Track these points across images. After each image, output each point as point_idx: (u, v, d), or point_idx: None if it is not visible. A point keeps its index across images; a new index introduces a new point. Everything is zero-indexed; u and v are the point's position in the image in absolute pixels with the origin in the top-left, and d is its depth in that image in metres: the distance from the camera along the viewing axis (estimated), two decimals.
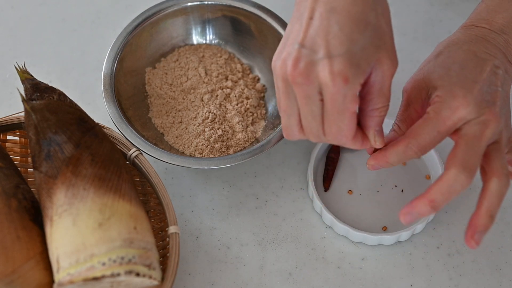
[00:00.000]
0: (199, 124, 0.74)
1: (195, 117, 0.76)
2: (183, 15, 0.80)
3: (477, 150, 0.56)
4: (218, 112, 0.75)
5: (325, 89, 0.53)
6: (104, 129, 0.66)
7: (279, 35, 0.77)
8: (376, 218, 0.73)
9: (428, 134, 0.57)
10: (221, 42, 0.82)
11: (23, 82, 0.64)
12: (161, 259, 0.66)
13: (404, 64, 0.82)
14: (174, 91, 0.78)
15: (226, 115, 0.76)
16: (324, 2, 0.53)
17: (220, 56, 0.81)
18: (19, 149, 0.72)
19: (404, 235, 0.70)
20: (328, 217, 0.71)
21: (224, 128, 0.74)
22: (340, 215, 0.72)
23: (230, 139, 0.74)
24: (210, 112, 0.75)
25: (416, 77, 0.61)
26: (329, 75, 0.52)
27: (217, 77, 0.78)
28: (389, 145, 0.58)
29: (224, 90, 0.77)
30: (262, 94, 0.79)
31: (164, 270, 0.61)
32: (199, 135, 0.74)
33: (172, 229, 0.63)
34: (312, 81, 0.53)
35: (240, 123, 0.75)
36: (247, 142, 0.75)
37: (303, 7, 0.55)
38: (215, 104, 0.76)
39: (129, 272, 0.57)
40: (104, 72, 0.74)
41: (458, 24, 0.66)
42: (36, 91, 0.63)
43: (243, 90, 0.77)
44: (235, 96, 0.77)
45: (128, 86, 0.77)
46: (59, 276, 0.57)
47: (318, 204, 0.71)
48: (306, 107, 0.55)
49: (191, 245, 0.72)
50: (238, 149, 0.74)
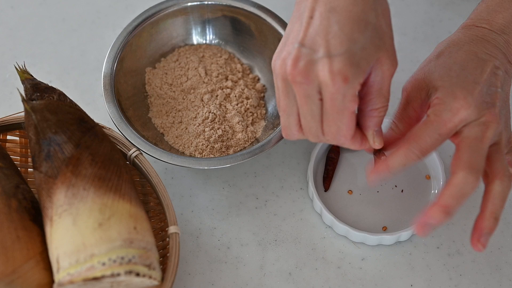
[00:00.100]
0: (199, 124, 0.74)
1: (195, 117, 0.75)
2: (183, 15, 0.80)
3: (481, 152, 0.56)
4: (218, 112, 0.75)
5: (325, 89, 0.53)
6: (104, 129, 0.66)
7: (279, 35, 0.77)
8: (376, 218, 0.73)
9: (429, 137, 0.56)
10: (221, 42, 0.82)
11: (23, 82, 0.64)
12: (161, 259, 0.66)
13: (404, 64, 0.82)
14: (174, 91, 0.78)
15: (226, 115, 0.76)
16: (324, 2, 0.53)
17: (220, 56, 0.80)
18: (19, 149, 0.72)
19: (404, 235, 0.70)
20: (328, 217, 0.71)
21: (224, 128, 0.74)
22: (340, 215, 0.72)
23: (230, 139, 0.74)
24: (210, 112, 0.75)
25: (417, 77, 0.61)
26: (329, 74, 0.52)
27: (217, 77, 0.78)
28: (390, 153, 0.58)
29: (224, 90, 0.77)
30: (262, 94, 0.79)
31: (164, 270, 0.61)
32: (199, 135, 0.74)
33: (172, 229, 0.63)
34: (312, 80, 0.53)
35: (240, 123, 0.75)
36: (247, 142, 0.75)
37: (303, 7, 0.55)
38: (215, 104, 0.76)
39: (129, 272, 0.57)
40: (104, 72, 0.74)
41: (458, 24, 0.66)
42: (36, 91, 0.63)
43: (243, 90, 0.77)
44: (235, 96, 0.77)
45: (128, 86, 0.77)
46: (59, 276, 0.57)
47: (318, 204, 0.71)
48: (306, 107, 0.55)
49: (191, 245, 0.72)
50: (238, 149, 0.74)
